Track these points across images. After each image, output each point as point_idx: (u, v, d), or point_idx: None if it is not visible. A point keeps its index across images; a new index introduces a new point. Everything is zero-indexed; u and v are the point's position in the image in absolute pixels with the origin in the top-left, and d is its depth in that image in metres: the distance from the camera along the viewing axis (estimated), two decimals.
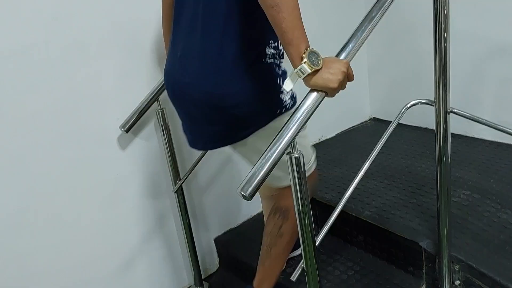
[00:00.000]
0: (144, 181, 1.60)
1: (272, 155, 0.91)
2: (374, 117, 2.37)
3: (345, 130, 2.30)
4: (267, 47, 1.10)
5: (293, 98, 1.17)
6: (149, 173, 1.60)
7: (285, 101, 1.15)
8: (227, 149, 1.78)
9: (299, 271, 1.05)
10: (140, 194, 1.59)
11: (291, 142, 0.93)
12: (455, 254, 1.27)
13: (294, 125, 0.93)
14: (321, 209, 1.69)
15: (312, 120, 2.28)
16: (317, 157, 1.67)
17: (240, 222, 1.92)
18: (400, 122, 2.18)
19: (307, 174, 1.15)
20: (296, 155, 0.95)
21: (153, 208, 1.64)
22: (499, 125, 1.06)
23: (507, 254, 1.26)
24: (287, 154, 0.95)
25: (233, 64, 1.07)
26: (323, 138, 2.21)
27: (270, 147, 0.92)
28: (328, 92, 0.93)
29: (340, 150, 2.09)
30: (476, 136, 1.91)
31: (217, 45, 1.08)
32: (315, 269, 1.03)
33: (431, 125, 1.74)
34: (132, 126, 1.46)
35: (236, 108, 1.10)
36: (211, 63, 1.09)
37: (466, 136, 1.93)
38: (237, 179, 1.81)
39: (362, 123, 2.35)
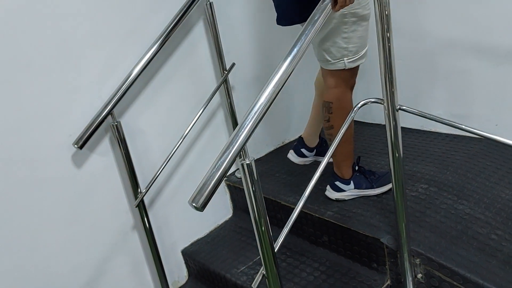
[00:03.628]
0: (104, 198, 1.56)
1: (222, 163, 0.91)
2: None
3: None
4: None
5: None
6: (108, 189, 1.57)
7: None
8: (190, 159, 1.79)
9: (260, 277, 1.05)
10: (100, 211, 1.56)
11: (242, 149, 0.93)
12: (415, 248, 1.30)
13: (243, 132, 0.93)
14: (285, 213, 1.70)
15: (275, 124, 2.29)
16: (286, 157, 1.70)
17: (208, 231, 1.90)
18: (360, 120, 2.24)
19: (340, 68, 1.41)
20: (247, 162, 0.95)
21: (115, 224, 1.61)
22: (445, 119, 1.09)
23: (464, 244, 1.29)
24: (238, 162, 0.95)
25: None
26: (287, 141, 2.22)
27: (220, 155, 0.92)
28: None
29: None
30: (432, 129, 1.96)
31: None
32: (275, 275, 1.03)
33: None
34: (85, 142, 1.42)
35: None
36: None
37: (423, 131, 1.98)
38: None
39: None
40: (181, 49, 1.69)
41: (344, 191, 1.57)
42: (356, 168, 1.59)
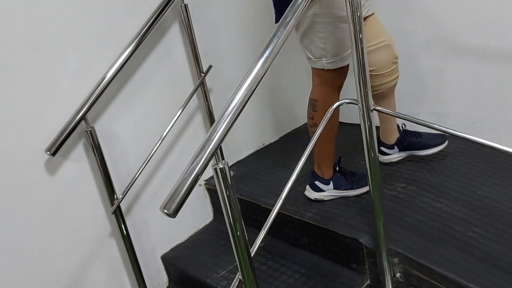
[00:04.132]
0: (79, 205, 1.53)
1: (194, 168, 0.89)
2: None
3: (288, 133, 2.31)
4: None
5: None
6: (83, 196, 1.54)
7: None
8: (168, 163, 1.76)
9: (237, 282, 1.03)
10: (76, 218, 1.52)
11: (214, 153, 0.92)
12: (393, 247, 1.30)
13: (215, 136, 0.92)
14: (266, 215, 1.66)
15: (256, 126, 2.27)
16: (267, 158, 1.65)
17: (188, 236, 1.88)
18: (343, 121, 2.25)
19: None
20: (221, 166, 0.93)
21: (92, 231, 1.57)
22: (418, 119, 1.09)
23: (442, 243, 1.30)
24: (212, 166, 0.94)
25: None
26: (267, 143, 2.21)
27: (192, 159, 0.90)
28: None
29: (284, 153, 2.10)
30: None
31: None
32: (252, 279, 1.01)
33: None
34: (58, 148, 1.39)
35: None
36: None
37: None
38: None
39: (304, 124, 2.37)
40: (156, 52, 1.67)
41: (324, 191, 1.57)
42: (337, 168, 1.58)
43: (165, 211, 0.86)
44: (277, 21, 1.44)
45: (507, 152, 0.98)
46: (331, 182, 1.57)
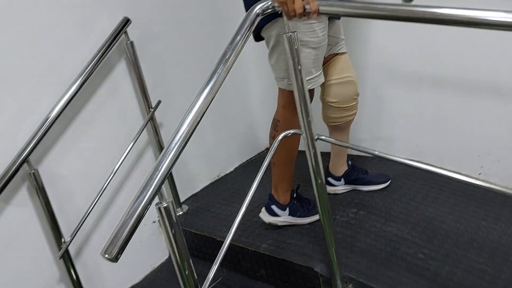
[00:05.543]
0: (24, 251, 1.45)
1: (136, 209, 0.88)
2: (268, 147, 2.42)
3: (243, 163, 2.32)
4: None
5: None
6: (28, 242, 1.46)
7: None
8: (119, 202, 1.71)
9: None
10: (21, 266, 1.44)
11: (157, 193, 0.90)
12: (347, 274, 1.31)
13: (158, 174, 0.91)
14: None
15: (208, 157, 2.24)
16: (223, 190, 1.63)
17: (143, 276, 1.82)
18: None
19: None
20: (165, 205, 0.92)
21: (39, 279, 1.49)
22: (359, 146, 1.12)
23: (393, 266, 1.32)
24: (155, 205, 0.92)
25: None
26: (222, 174, 2.21)
27: (133, 200, 0.88)
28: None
29: (239, 184, 2.10)
30: (361, 154, 2.02)
31: None
32: None
33: (326, 148, 1.80)
34: None
35: None
36: None
37: (351, 155, 2.04)
38: None
39: (258, 154, 2.40)
40: (103, 89, 1.65)
41: (279, 216, 1.58)
42: (294, 195, 1.60)
43: (106, 256, 0.82)
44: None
45: (444, 175, 1.03)
46: (288, 208, 1.58)
